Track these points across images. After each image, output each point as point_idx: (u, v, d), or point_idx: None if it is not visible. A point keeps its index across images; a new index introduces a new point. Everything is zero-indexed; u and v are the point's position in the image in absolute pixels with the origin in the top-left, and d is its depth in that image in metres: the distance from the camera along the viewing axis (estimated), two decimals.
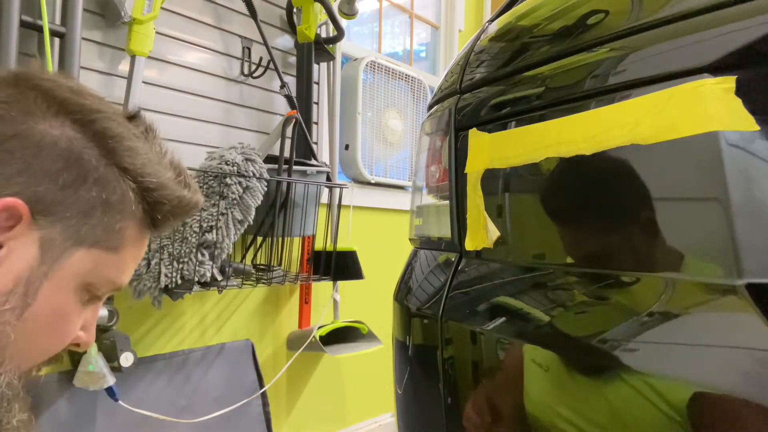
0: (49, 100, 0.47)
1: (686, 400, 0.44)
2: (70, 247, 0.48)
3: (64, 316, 0.50)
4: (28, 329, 0.47)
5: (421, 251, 0.90)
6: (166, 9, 1.49)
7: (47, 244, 0.46)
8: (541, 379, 0.58)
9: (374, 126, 2.14)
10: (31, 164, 0.45)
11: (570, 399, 0.55)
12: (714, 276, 0.46)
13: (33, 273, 0.46)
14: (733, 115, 0.45)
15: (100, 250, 0.49)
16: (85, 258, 0.49)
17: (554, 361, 0.57)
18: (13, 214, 0.44)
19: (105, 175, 0.48)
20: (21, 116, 0.46)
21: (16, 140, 0.45)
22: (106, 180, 0.48)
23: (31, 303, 0.46)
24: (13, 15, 1.11)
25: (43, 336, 0.49)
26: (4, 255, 0.45)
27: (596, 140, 0.55)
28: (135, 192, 0.50)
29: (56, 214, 0.46)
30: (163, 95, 1.52)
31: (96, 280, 0.51)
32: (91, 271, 0.50)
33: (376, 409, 2.24)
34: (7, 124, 0.45)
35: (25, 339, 0.47)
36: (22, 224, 0.45)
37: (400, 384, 0.87)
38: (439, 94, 0.87)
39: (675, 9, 0.51)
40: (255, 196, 1.41)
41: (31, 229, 0.46)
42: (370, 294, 2.07)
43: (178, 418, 1.45)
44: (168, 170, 0.53)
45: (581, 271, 0.59)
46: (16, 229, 0.45)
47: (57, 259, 0.47)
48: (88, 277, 0.50)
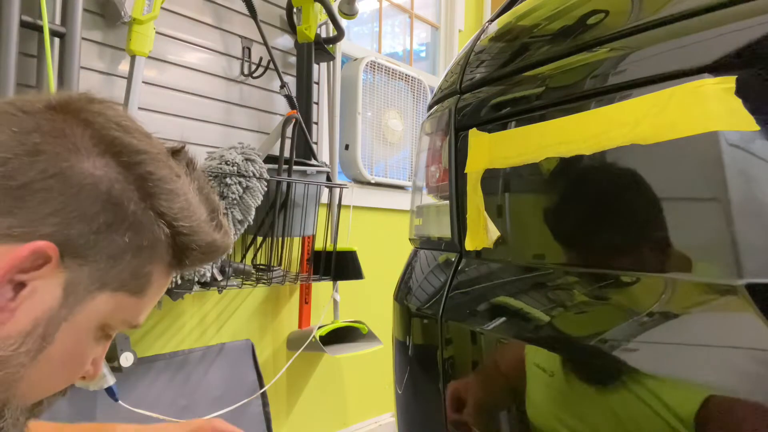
0: (97, 138, 0.46)
1: (686, 400, 0.44)
2: (95, 291, 0.46)
3: (78, 355, 0.49)
4: (41, 369, 0.45)
5: (421, 251, 0.90)
6: (166, 9, 1.49)
7: (72, 287, 0.45)
8: (541, 379, 0.58)
9: (374, 126, 2.14)
10: (68, 205, 0.43)
11: (569, 399, 0.55)
12: (714, 276, 0.46)
13: (53, 315, 0.44)
14: (733, 115, 0.45)
15: (124, 294, 0.48)
16: (108, 301, 0.47)
17: (554, 361, 0.57)
18: (41, 256, 0.43)
19: (140, 219, 0.47)
20: (65, 153, 0.44)
21: (57, 179, 0.43)
22: (141, 225, 0.47)
23: (47, 345, 0.45)
24: (13, 15, 1.11)
25: (55, 375, 0.48)
26: (27, 295, 0.43)
27: (596, 140, 0.55)
28: (168, 236, 0.49)
29: (85, 258, 0.45)
30: (163, 95, 1.52)
31: (114, 321, 0.49)
32: (110, 313, 0.48)
33: (376, 409, 2.24)
34: (50, 160, 0.43)
35: (37, 378, 0.46)
36: (50, 266, 0.43)
37: (400, 384, 0.87)
38: (439, 94, 0.87)
39: (675, 9, 0.51)
40: (255, 196, 1.41)
41: (58, 270, 0.44)
42: (370, 294, 2.07)
43: (178, 418, 1.45)
44: (203, 211, 0.52)
45: (581, 271, 0.59)
46: (42, 270, 0.43)
47: (79, 302, 0.46)
48: (107, 319, 0.49)
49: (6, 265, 0.41)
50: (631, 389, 0.48)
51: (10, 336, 0.42)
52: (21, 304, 0.43)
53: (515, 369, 0.61)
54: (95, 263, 0.45)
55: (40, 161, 0.43)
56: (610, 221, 0.56)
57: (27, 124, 0.44)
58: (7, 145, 0.43)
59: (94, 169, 0.45)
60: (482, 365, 0.68)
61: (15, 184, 0.42)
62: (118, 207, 0.45)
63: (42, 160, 0.43)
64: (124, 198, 0.46)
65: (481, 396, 0.68)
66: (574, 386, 0.55)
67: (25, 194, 0.42)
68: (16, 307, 0.43)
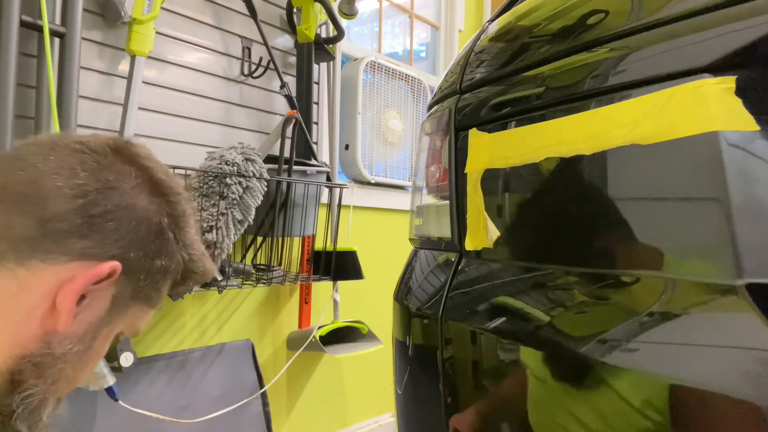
0: (149, 180, 0.55)
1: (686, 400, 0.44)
2: (131, 304, 0.55)
3: (98, 356, 0.56)
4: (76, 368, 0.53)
5: (421, 251, 0.90)
6: (166, 9, 1.49)
7: (117, 300, 0.54)
8: (541, 379, 0.58)
9: (374, 126, 2.14)
10: (130, 233, 0.53)
11: (569, 399, 0.55)
12: (714, 276, 0.46)
13: (100, 322, 0.53)
14: (733, 115, 0.45)
15: (146, 306, 0.58)
16: (137, 312, 0.57)
17: (554, 361, 0.57)
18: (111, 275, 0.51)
19: (173, 248, 0.56)
20: (130, 191, 0.53)
21: (126, 211, 0.53)
22: (173, 252, 0.57)
23: (90, 347, 0.53)
24: (13, 15, 1.11)
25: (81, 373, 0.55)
26: (86, 304, 0.52)
27: (596, 140, 0.55)
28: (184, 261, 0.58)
29: (133, 276, 0.54)
30: (163, 95, 1.52)
31: (128, 328, 0.58)
32: (130, 321, 0.57)
33: (376, 409, 2.24)
34: (121, 195, 0.53)
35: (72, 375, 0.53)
36: (109, 281, 0.52)
37: (400, 384, 0.87)
38: (439, 94, 0.87)
39: (675, 9, 0.51)
40: (255, 196, 1.41)
41: (112, 285, 0.53)
42: (370, 294, 2.07)
43: (178, 418, 1.45)
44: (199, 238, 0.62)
45: (581, 271, 0.59)
46: (102, 284, 0.51)
47: (118, 313, 0.55)
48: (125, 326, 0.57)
49: (88, 277, 0.50)
50: (631, 390, 0.48)
51: (69, 336, 0.51)
52: (82, 311, 0.52)
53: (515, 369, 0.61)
54: (138, 281, 0.54)
55: (114, 196, 0.52)
56: (610, 221, 0.56)
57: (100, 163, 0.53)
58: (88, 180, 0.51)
59: (150, 205, 0.55)
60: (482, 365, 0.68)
61: (94, 212, 0.51)
62: (163, 238, 0.55)
63: (115, 195, 0.52)
64: (167, 231, 0.56)
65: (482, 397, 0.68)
66: (573, 386, 0.55)
67: (100, 221, 0.51)
68: (78, 313, 0.51)
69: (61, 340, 0.50)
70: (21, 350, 0.49)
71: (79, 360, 0.53)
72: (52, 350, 0.50)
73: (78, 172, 0.51)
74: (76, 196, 0.50)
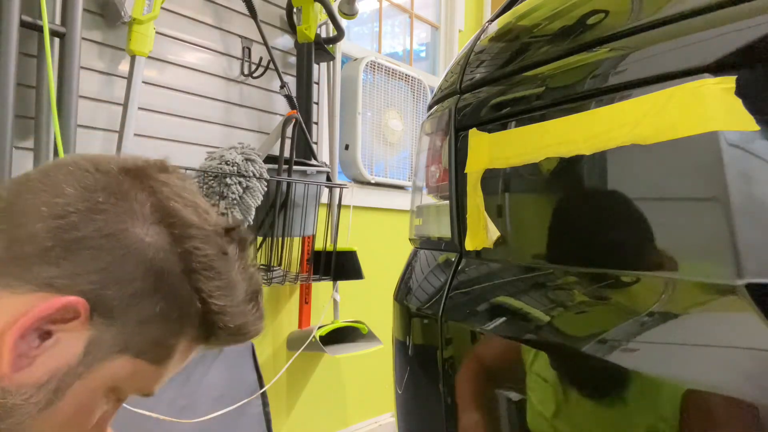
0: (156, 207, 0.47)
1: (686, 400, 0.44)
2: (115, 353, 0.46)
3: (85, 414, 0.48)
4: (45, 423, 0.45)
5: (421, 251, 0.90)
6: (166, 9, 1.49)
7: (94, 346, 0.45)
8: (541, 378, 0.58)
9: (374, 126, 2.14)
10: (111, 266, 0.44)
11: (569, 398, 0.55)
12: (714, 276, 0.46)
13: (69, 371, 0.44)
14: (733, 115, 0.45)
15: (143, 361, 0.48)
16: (126, 366, 0.47)
17: (554, 360, 0.57)
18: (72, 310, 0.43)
19: (176, 291, 0.47)
20: (123, 215, 0.45)
21: (109, 239, 0.44)
22: (175, 297, 0.47)
23: (57, 400, 0.44)
24: (13, 15, 1.11)
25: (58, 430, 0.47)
26: (50, 345, 0.44)
27: (596, 140, 0.55)
28: (199, 312, 0.49)
29: (114, 319, 0.45)
30: (163, 95, 1.52)
31: (128, 387, 0.49)
32: (126, 378, 0.48)
33: (376, 409, 2.24)
34: (107, 220, 0.45)
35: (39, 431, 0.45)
36: (78, 321, 0.44)
37: (400, 384, 0.87)
38: (439, 94, 0.87)
39: (675, 9, 0.51)
40: (255, 196, 1.41)
41: (85, 327, 0.44)
42: (370, 294, 2.07)
43: (178, 418, 1.45)
44: (242, 293, 0.51)
45: (581, 271, 0.59)
46: (70, 324, 0.44)
47: (98, 362, 0.46)
48: (121, 383, 0.48)
49: (38, 312, 0.42)
50: (631, 390, 0.48)
51: (24, 385, 0.43)
52: (42, 353, 0.43)
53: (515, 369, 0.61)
54: (122, 326, 0.45)
55: (98, 220, 0.44)
56: (610, 221, 0.56)
57: (97, 182, 0.46)
58: (72, 200, 0.44)
59: (145, 236, 0.46)
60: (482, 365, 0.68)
61: (69, 237, 0.43)
62: (157, 276, 0.46)
63: (99, 219, 0.44)
64: (166, 268, 0.46)
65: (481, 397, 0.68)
66: (573, 386, 0.55)
67: (75, 248, 0.43)
68: (37, 356, 0.43)
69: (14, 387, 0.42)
70: None
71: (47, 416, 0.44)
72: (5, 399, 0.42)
73: (65, 190, 0.44)
74: (54, 216, 0.43)
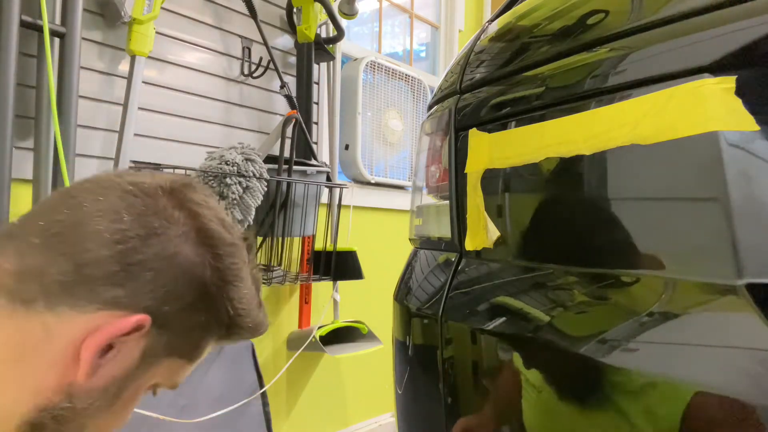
0: (198, 229, 0.52)
1: (686, 400, 0.44)
2: (164, 357, 0.52)
3: (130, 409, 0.54)
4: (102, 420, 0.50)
5: (421, 251, 0.90)
6: (166, 9, 1.49)
7: (149, 353, 0.50)
8: (540, 378, 0.58)
9: (374, 126, 2.14)
10: (168, 284, 0.49)
11: (568, 398, 0.55)
12: (714, 276, 0.46)
13: (127, 376, 0.50)
14: (733, 115, 0.45)
15: (183, 360, 0.54)
16: (170, 365, 0.53)
17: (553, 360, 0.57)
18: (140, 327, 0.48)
19: (215, 302, 0.52)
20: (174, 239, 0.50)
21: (166, 261, 0.49)
22: (215, 306, 0.53)
23: (114, 403, 0.50)
24: (13, 15, 1.11)
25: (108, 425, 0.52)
26: (112, 356, 0.48)
27: (596, 140, 0.55)
28: (229, 316, 0.54)
29: (167, 329, 0.50)
30: (163, 95, 1.52)
31: (164, 381, 0.55)
32: (166, 375, 0.54)
33: (376, 409, 2.24)
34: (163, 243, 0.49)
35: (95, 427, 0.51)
36: (139, 333, 0.48)
37: (400, 384, 0.87)
38: (439, 94, 0.87)
39: (675, 9, 0.51)
40: (255, 196, 1.41)
41: (142, 338, 0.49)
42: (370, 294, 2.07)
43: (178, 418, 1.45)
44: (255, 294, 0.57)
45: (581, 271, 0.59)
46: (130, 336, 0.48)
47: (150, 366, 0.51)
48: (161, 379, 0.54)
49: (112, 330, 0.47)
50: (631, 389, 0.48)
51: (91, 390, 0.48)
52: (107, 363, 0.48)
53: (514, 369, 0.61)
54: (172, 335, 0.51)
55: (155, 244, 0.49)
56: (610, 221, 0.56)
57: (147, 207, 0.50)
58: (130, 225, 0.49)
59: (195, 257, 0.51)
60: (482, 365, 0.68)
61: (131, 260, 0.48)
62: (203, 291, 0.51)
63: (156, 243, 0.49)
64: (210, 285, 0.52)
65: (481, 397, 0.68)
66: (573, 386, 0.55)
67: (137, 270, 0.48)
68: (101, 366, 0.48)
69: (83, 393, 0.48)
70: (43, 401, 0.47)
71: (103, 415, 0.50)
72: (74, 404, 0.47)
73: (123, 216, 0.49)
74: (116, 242, 0.48)
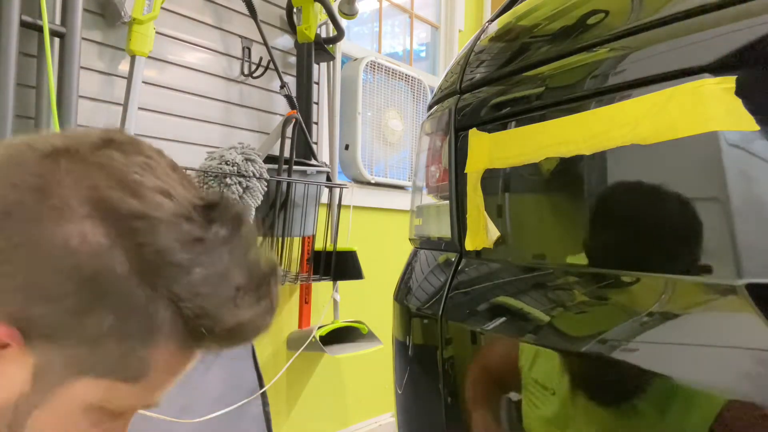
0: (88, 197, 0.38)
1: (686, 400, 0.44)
2: (71, 376, 0.39)
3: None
4: None
5: (421, 251, 0.90)
6: (166, 9, 1.49)
7: (42, 372, 0.39)
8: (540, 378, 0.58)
9: (374, 126, 2.14)
10: (31, 281, 0.37)
11: (568, 398, 0.55)
12: (714, 276, 0.46)
13: (22, 400, 0.39)
14: (733, 115, 0.45)
15: (114, 380, 0.41)
16: (93, 387, 0.40)
17: (553, 360, 0.57)
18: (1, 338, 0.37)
19: (130, 297, 0.38)
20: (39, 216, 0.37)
21: (23, 250, 0.37)
22: (129, 305, 0.38)
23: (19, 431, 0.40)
24: (13, 15, 1.11)
25: None
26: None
27: (596, 140, 0.55)
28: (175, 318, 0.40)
29: (55, 340, 0.38)
30: (163, 95, 1.52)
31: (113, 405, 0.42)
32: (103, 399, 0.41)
33: (376, 409, 2.24)
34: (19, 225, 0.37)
35: None
36: (11, 349, 0.38)
37: (400, 384, 0.87)
38: (439, 94, 0.87)
39: (675, 9, 0.51)
40: (255, 196, 1.41)
41: (26, 353, 0.38)
42: (370, 294, 2.07)
43: (178, 418, 1.45)
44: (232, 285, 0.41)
45: (581, 271, 0.59)
46: (7, 350, 0.38)
47: (54, 387, 0.40)
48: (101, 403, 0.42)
49: None
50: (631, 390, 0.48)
51: None
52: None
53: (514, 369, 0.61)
54: (69, 347, 0.38)
55: (6, 227, 0.37)
56: (610, 221, 0.56)
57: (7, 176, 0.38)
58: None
59: (72, 238, 0.37)
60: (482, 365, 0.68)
61: None
62: (97, 284, 0.37)
63: (8, 227, 0.37)
64: (107, 273, 0.37)
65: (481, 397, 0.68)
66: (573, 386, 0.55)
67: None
68: None
69: None
70: None
71: None
72: None
73: None
74: None
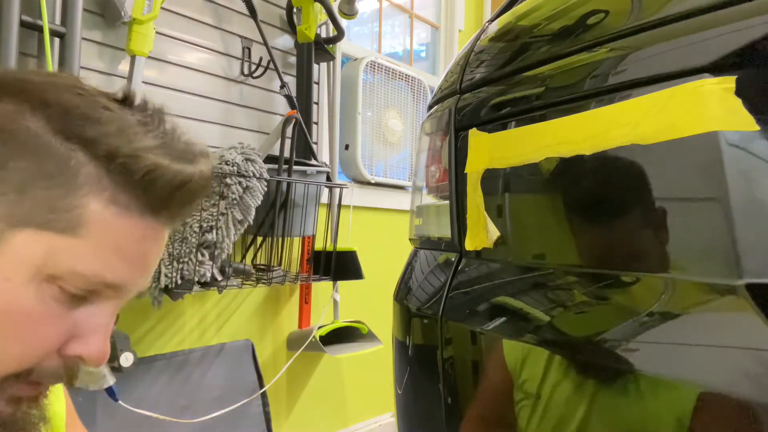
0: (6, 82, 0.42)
1: (686, 400, 0.44)
2: (7, 229, 0.39)
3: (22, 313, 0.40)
4: None
5: (421, 251, 0.90)
6: (166, 9, 1.49)
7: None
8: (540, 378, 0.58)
9: (374, 126, 2.14)
10: None
11: (568, 399, 0.55)
12: (714, 276, 0.46)
13: None
14: (733, 115, 0.45)
15: (51, 233, 0.40)
16: (32, 242, 0.40)
17: (553, 361, 0.57)
18: None
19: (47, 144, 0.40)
20: None
21: None
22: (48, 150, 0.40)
23: None
24: (13, 15, 1.11)
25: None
26: None
27: (596, 140, 0.55)
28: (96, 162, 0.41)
29: None
30: (163, 95, 1.52)
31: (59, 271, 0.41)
32: (46, 260, 0.40)
33: (376, 409, 2.24)
34: None
35: None
36: None
37: (400, 384, 0.87)
38: (439, 94, 0.87)
39: (675, 9, 0.51)
40: (255, 196, 1.41)
41: None
42: (370, 294, 2.07)
43: (178, 418, 1.45)
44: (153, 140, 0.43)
45: (581, 271, 0.59)
46: None
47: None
48: (46, 268, 0.40)
49: None
50: (631, 390, 0.48)
51: None
52: None
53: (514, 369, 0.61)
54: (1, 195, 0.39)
55: None
56: (610, 221, 0.56)
57: None
58: None
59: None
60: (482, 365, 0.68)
61: None
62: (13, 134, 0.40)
63: None
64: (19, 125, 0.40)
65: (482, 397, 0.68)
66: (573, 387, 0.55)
67: None
68: None
69: None
70: None
71: None
72: None
73: None
74: None
